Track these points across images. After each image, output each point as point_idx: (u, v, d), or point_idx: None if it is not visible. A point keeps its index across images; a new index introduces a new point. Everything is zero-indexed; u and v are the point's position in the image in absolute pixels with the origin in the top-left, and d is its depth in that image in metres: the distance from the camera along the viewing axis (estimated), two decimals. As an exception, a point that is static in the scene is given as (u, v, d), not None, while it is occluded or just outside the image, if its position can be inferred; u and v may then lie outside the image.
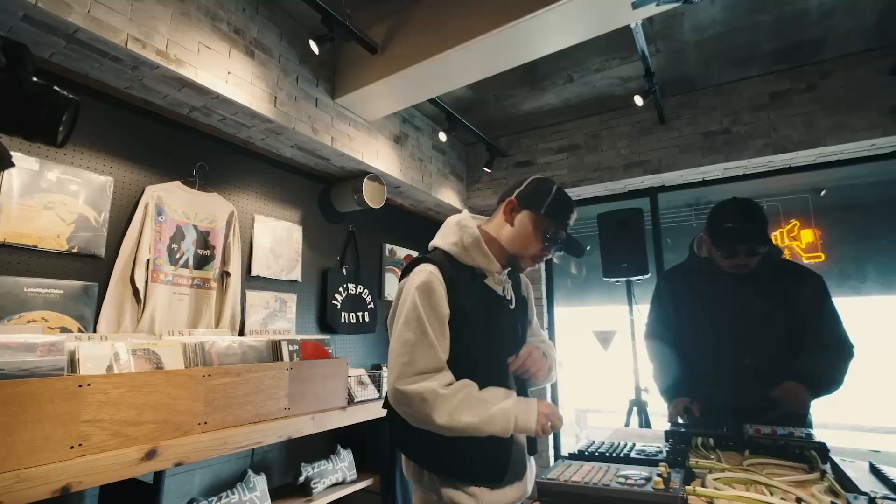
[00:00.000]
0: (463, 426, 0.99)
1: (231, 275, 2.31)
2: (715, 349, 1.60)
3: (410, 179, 3.24)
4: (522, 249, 1.18)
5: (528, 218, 1.16)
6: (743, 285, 1.57)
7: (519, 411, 1.03)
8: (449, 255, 1.16)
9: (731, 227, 1.50)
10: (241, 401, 1.84)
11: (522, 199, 1.18)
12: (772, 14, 2.39)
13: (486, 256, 1.16)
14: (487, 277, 1.18)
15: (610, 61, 2.82)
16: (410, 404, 1.01)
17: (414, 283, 1.08)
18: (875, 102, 2.63)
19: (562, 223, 1.17)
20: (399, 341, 1.05)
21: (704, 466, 1.07)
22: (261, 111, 2.18)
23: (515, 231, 1.17)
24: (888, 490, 0.91)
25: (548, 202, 1.15)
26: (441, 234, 1.22)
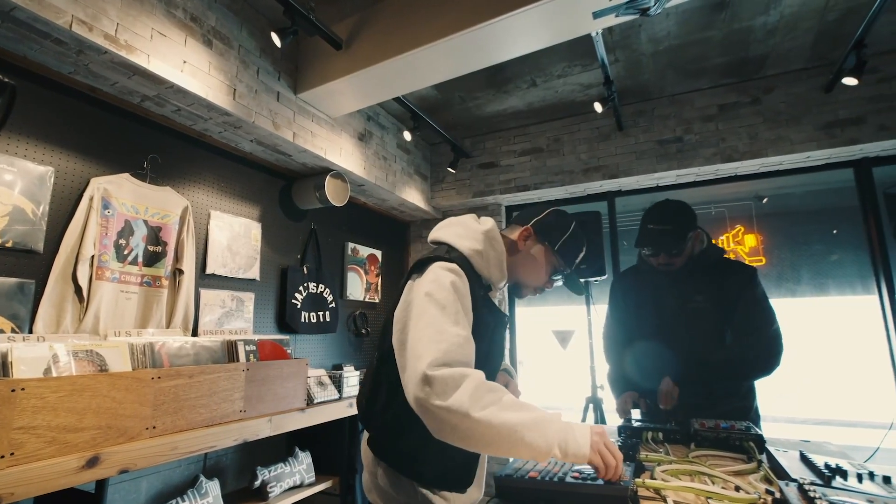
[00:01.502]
0: (499, 423, 0.82)
1: (184, 272, 2.22)
2: (658, 343, 1.69)
3: (374, 178, 3.21)
4: (529, 279, 1.17)
5: (540, 251, 1.16)
6: (682, 282, 1.68)
7: (568, 432, 0.84)
8: (466, 259, 1.08)
9: (651, 228, 1.62)
10: (194, 403, 1.77)
11: (539, 229, 1.17)
12: (721, 30, 2.53)
13: (502, 272, 1.13)
14: (491, 291, 1.15)
15: (572, 68, 2.90)
16: (445, 391, 0.84)
17: (444, 277, 0.98)
18: (811, 118, 2.83)
19: (571, 263, 1.18)
20: (433, 328, 0.91)
21: (653, 459, 1.12)
22: (218, 103, 2.10)
23: (525, 259, 1.16)
24: (815, 476, 0.99)
25: (564, 239, 1.15)
26: (461, 235, 1.12)
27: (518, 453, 0.82)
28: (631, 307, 1.84)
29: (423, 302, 0.96)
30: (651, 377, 1.68)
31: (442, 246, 1.13)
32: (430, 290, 0.96)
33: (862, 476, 0.97)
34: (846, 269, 3.17)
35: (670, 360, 1.64)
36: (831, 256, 3.28)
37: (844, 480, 0.95)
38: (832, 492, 0.84)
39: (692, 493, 0.89)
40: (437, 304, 0.94)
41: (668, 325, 1.68)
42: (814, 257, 3.32)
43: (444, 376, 0.85)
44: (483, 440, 0.84)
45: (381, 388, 1.08)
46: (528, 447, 0.81)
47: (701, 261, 1.67)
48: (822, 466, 1.01)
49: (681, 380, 1.60)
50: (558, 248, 1.14)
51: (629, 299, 1.85)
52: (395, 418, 1.04)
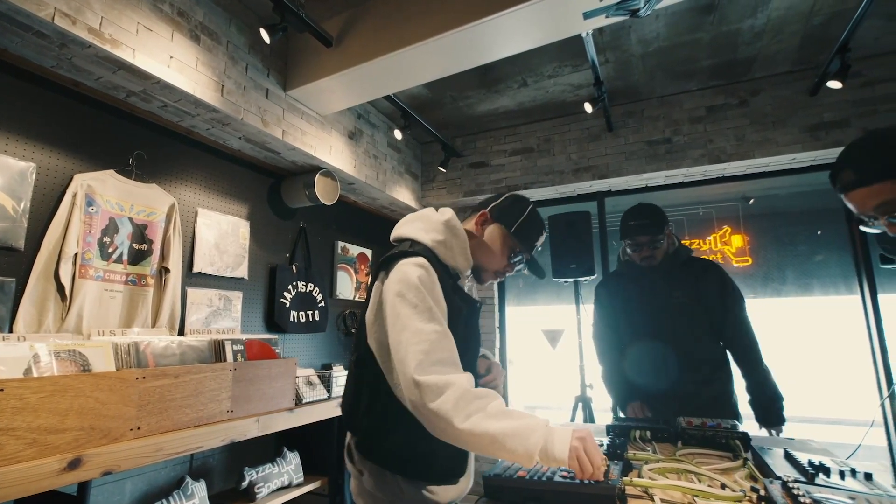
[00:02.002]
0: (481, 432, 0.85)
1: (170, 271, 2.19)
2: (649, 339, 1.84)
3: (365, 176, 3.19)
4: (487, 263, 1.18)
5: (497, 233, 1.17)
6: (663, 281, 1.86)
7: (550, 437, 0.85)
8: (431, 251, 1.10)
9: (632, 224, 1.85)
10: (180, 404, 1.75)
11: (495, 214, 1.18)
12: (709, 33, 2.55)
13: (467, 259, 1.15)
14: (460, 279, 1.17)
15: (562, 68, 2.91)
16: (432, 397, 0.88)
17: (412, 274, 1.00)
18: (797, 120, 2.87)
19: (529, 245, 1.18)
20: (409, 330, 0.94)
21: (641, 458, 1.13)
22: (206, 99, 2.07)
23: (483, 243, 1.18)
24: (799, 473, 1.00)
25: (519, 222, 1.16)
26: (422, 229, 1.14)
27: (504, 458, 0.86)
28: (619, 309, 1.97)
29: (394, 303, 0.98)
30: (647, 373, 1.82)
31: (405, 241, 1.14)
32: (399, 289, 0.98)
33: (844, 473, 0.98)
34: (830, 269, 3.23)
35: (662, 354, 1.79)
36: (816, 257, 3.33)
37: (827, 477, 0.97)
38: (815, 489, 0.85)
39: (679, 492, 0.90)
40: (409, 304, 0.96)
41: (655, 320, 1.83)
42: (799, 258, 3.37)
43: (429, 383, 0.89)
44: (468, 446, 0.89)
45: (363, 391, 1.08)
46: (511, 454, 0.84)
47: (675, 260, 1.87)
48: (805, 464, 1.02)
49: (671, 370, 1.76)
50: (514, 231, 1.15)
51: (616, 302, 1.99)
52: (381, 417, 1.05)
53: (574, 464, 0.83)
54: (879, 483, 0.95)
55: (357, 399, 1.09)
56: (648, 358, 1.83)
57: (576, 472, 0.83)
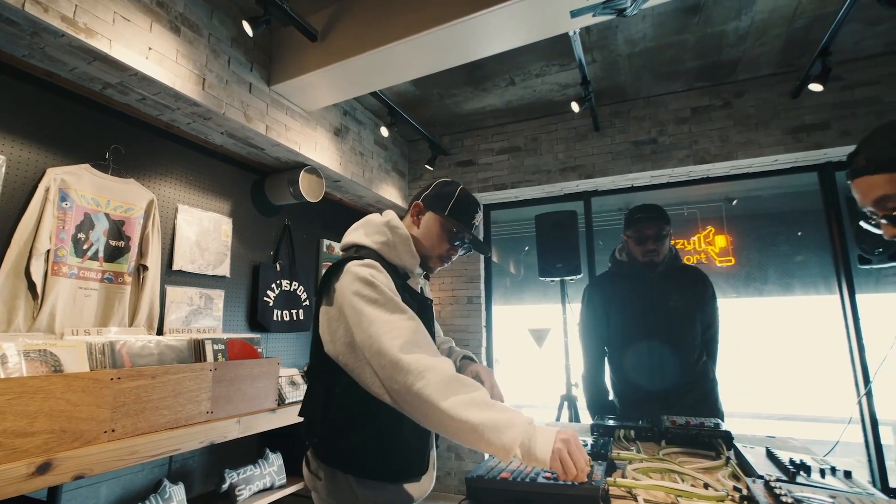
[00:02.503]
0: (462, 419, 0.83)
1: (149, 268, 2.13)
2: (640, 341, 1.86)
3: (350, 174, 3.16)
4: (430, 250, 1.19)
5: (433, 220, 1.19)
6: (660, 284, 1.88)
7: (533, 435, 0.83)
8: (377, 253, 1.14)
9: (640, 216, 1.87)
10: (157, 405, 1.70)
11: (427, 202, 1.20)
12: (695, 34, 2.57)
13: (413, 257, 1.17)
14: (410, 278, 1.19)
15: (550, 67, 2.90)
16: (414, 379, 0.87)
17: (362, 272, 1.01)
18: (779, 122, 2.91)
19: (465, 224, 1.19)
20: (378, 323, 0.94)
21: (625, 458, 1.12)
22: (186, 93, 2.02)
23: (422, 233, 1.19)
24: (780, 472, 1.00)
25: (451, 204, 1.18)
26: (364, 234, 1.18)
27: (482, 449, 0.85)
28: (612, 310, 1.96)
29: (353, 302, 0.97)
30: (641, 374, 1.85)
31: (350, 249, 1.19)
32: (355, 289, 0.98)
33: (824, 471, 0.99)
34: (811, 269, 3.28)
35: (658, 356, 1.82)
36: (797, 258, 3.38)
37: (808, 476, 0.97)
38: (797, 488, 0.85)
39: (662, 492, 0.89)
40: (368, 300, 0.97)
41: (651, 321, 1.85)
42: (780, 258, 3.42)
43: (413, 363, 0.89)
44: (448, 431, 0.87)
45: (317, 398, 1.09)
46: (489, 446, 0.83)
47: (673, 264, 1.92)
48: (786, 462, 1.03)
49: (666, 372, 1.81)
50: (449, 213, 1.17)
51: (610, 304, 1.97)
52: (336, 420, 1.06)
53: (557, 465, 0.81)
54: (858, 481, 0.96)
55: (313, 406, 1.10)
56: (644, 359, 1.85)
57: (559, 473, 0.82)
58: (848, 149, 2.78)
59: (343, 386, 1.03)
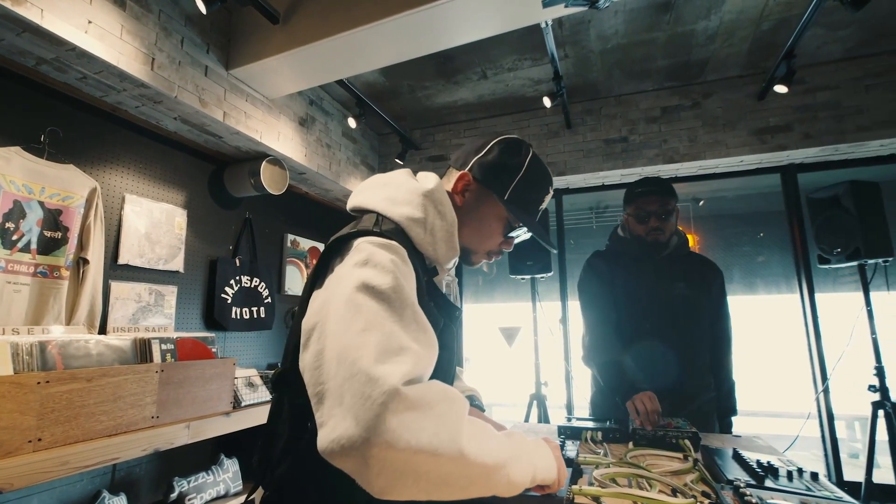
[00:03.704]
0: (482, 463, 0.59)
1: (90, 262, 1.97)
2: (643, 331, 1.61)
3: (316, 166, 3.03)
4: (476, 243, 0.87)
5: (486, 202, 0.85)
6: (665, 270, 1.65)
7: (538, 456, 0.70)
8: (404, 233, 0.78)
9: (641, 190, 1.66)
10: (93, 410, 1.56)
11: (481, 174, 0.85)
12: (665, 32, 2.57)
13: (453, 249, 0.83)
14: (438, 274, 0.85)
15: (522, 61, 2.86)
16: (429, 412, 0.56)
17: (381, 256, 0.67)
18: (745, 123, 2.95)
19: (531, 211, 0.86)
20: (378, 330, 0.60)
21: (591, 462, 1.07)
22: (133, 73, 1.87)
23: (469, 218, 0.85)
24: (748, 475, 0.97)
25: (516, 182, 0.83)
26: (389, 198, 0.81)
27: (492, 492, 0.63)
28: (619, 291, 1.67)
29: (354, 296, 0.63)
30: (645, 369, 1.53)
31: (368, 214, 0.80)
32: (365, 277, 0.64)
33: (792, 473, 0.96)
34: (773, 269, 3.36)
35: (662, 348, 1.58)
36: (758, 258, 3.46)
37: (776, 479, 0.94)
38: (767, 493, 0.81)
39: (629, 500, 0.84)
40: (380, 297, 0.63)
41: (655, 310, 1.62)
42: (744, 258, 3.49)
43: (428, 398, 0.57)
44: (458, 485, 0.58)
45: (283, 421, 0.73)
46: (510, 485, 0.64)
47: (679, 251, 1.69)
48: (754, 464, 1.00)
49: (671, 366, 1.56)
50: (510, 197, 0.83)
51: (617, 283, 1.68)
52: (302, 462, 0.70)
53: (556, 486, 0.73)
54: (825, 483, 0.94)
55: (274, 435, 0.74)
56: (648, 352, 1.58)
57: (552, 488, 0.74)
58: (809, 151, 2.85)
59: None
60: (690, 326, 1.63)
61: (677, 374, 1.56)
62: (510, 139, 0.87)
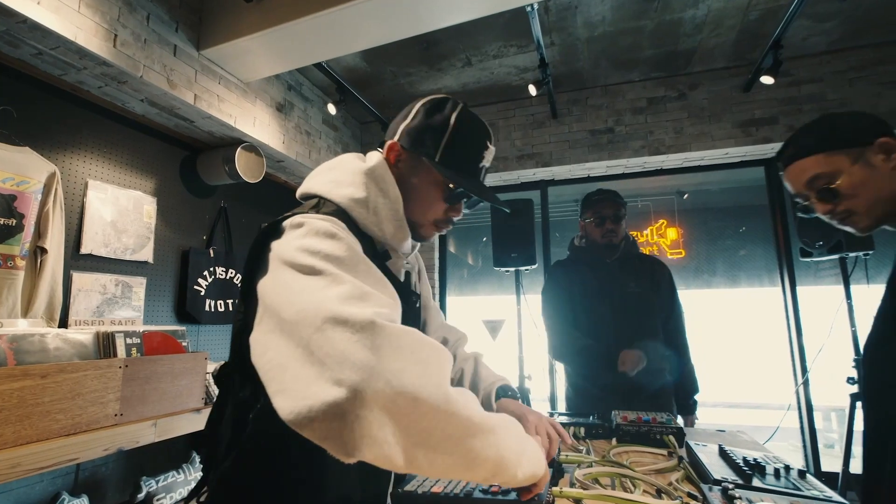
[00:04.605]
0: (468, 417, 0.52)
1: (48, 251, 1.85)
2: (600, 327, 1.81)
3: (295, 154, 2.93)
4: (418, 214, 0.80)
5: (419, 168, 0.79)
6: (617, 271, 1.87)
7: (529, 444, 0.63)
8: (346, 213, 0.74)
9: (597, 198, 1.90)
10: (48, 409, 1.46)
11: (409, 140, 0.79)
12: (653, 20, 2.52)
13: (401, 229, 0.78)
14: (391, 258, 0.80)
15: (508, 48, 2.79)
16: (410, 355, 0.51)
17: (320, 225, 0.64)
18: (730, 115, 2.93)
19: (470, 170, 0.79)
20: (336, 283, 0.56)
21: (573, 460, 1.03)
22: (93, 49, 1.75)
23: (406, 188, 0.79)
24: (735, 473, 0.93)
25: (445, 140, 0.77)
26: (333, 180, 0.77)
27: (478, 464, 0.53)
28: (577, 295, 1.90)
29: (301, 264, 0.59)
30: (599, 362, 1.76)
31: (310, 200, 0.78)
32: (308, 244, 0.61)
33: (779, 471, 0.93)
34: (756, 262, 3.37)
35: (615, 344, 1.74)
36: (740, 251, 3.47)
37: (763, 477, 0.91)
38: (755, 495, 0.78)
39: (612, 502, 0.80)
40: (328, 259, 0.59)
41: (609, 309, 1.82)
42: (727, 251, 3.50)
43: (399, 331, 0.52)
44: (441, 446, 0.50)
45: (227, 413, 0.71)
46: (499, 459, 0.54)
47: (630, 251, 1.91)
48: (740, 462, 0.96)
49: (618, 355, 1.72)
50: (441, 158, 0.76)
51: (574, 287, 1.91)
52: (246, 454, 0.67)
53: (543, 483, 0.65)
54: (813, 481, 0.90)
55: (216, 431, 0.72)
56: (604, 346, 1.76)
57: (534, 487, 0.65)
58: (793, 144, 2.84)
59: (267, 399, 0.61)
60: (641, 320, 1.80)
61: None
62: (435, 98, 0.82)
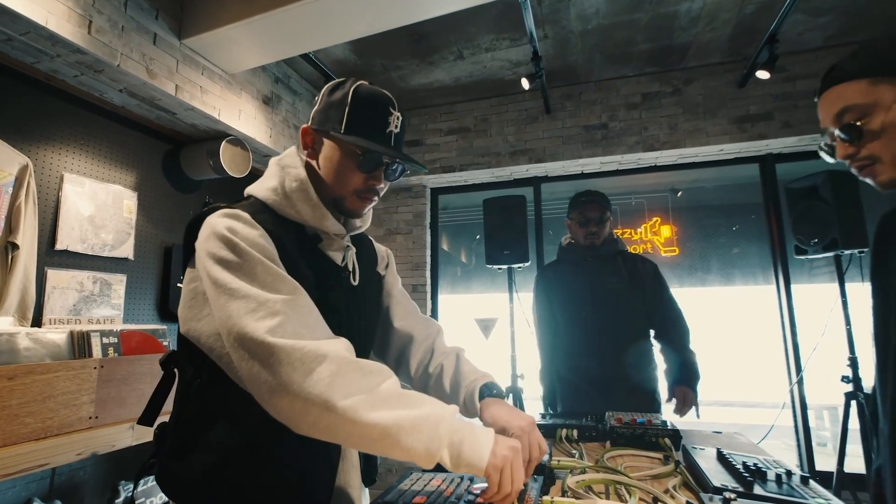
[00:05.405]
0: (369, 422, 0.62)
1: (20, 247, 1.78)
2: (579, 325, 1.88)
3: (282, 148, 2.86)
4: (340, 187, 0.84)
5: (330, 145, 0.84)
6: (600, 268, 1.91)
7: (464, 433, 0.65)
8: (266, 205, 0.82)
9: (583, 200, 1.94)
10: (16, 412, 1.39)
11: (317, 121, 0.85)
12: (647, 13, 2.48)
13: (315, 208, 0.82)
14: (323, 241, 0.86)
15: (500, 41, 2.73)
16: (294, 373, 0.63)
17: (218, 227, 0.73)
18: (725, 111, 2.90)
19: (376, 135, 0.82)
20: (239, 298, 0.67)
21: (565, 466, 0.98)
22: (66, 35, 1.67)
23: (323, 166, 0.85)
24: (734, 479, 0.89)
25: (347, 113, 0.81)
26: (258, 181, 0.88)
27: (396, 457, 0.63)
28: (554, 297, 1.99)
29: (208, 268, 0.71)
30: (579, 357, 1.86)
31: None
32: (209, 248, 0.72)
33: (780, 477, 0.89)
34: (750, 260, 3.35)
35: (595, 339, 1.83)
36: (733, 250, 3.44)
37: (764, 483, 0.86)
38: (758, 504, 0.73)
39: (606, 513, 0.75)
40: (225, 264, 0.70)
41: (591, 305, 1.86)
42: (721, 249, 3.47)
43: (290, 349, 0.64)
44: (350, 440, 0.64)
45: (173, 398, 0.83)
46: (407, 452, 0.62)
47: (613, 248, 1.94)
48: (740, 467, 0.92)
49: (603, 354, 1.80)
50: (346, 129, 0.81)
51: (553, 294, 1.99)
52: (188, 427, 0.77)
53: (495, 476, 0.64)
54: (816, 488, 0.86)
55: (159, 405, 0.84)
56: (581, 342, 1.87)
57: (490, 488, 0.64)
58: (789, 140, 2.82)
59: (209, 375, 0.76)
60: (622, 316, 1.84)
61: (612, 359, 1.79)
62: (334, 81, 0.88)
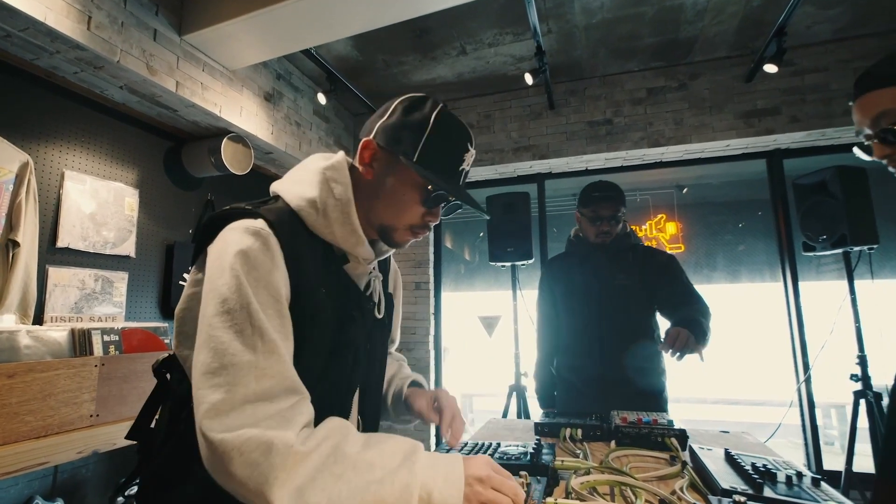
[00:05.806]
0: None
1: (21, 245, 1.77)
2: (583, 322, 1.76)
3: (284, 145, 2.84)
4: (393, 218, 0.75)
5: (396, 169, 0.73)
6: (608, 264, 1.78)
7: (427, 479, 0.60)
8: (295, 215, 0.71)
9: (596, 194, 1.75)
10: (16, 410, 1.39)
11: (385, 138, 0.74)
12: (653, 6, 2.44)
13: (353, 233, 0.73)
14: (349, 262, 0.76)
15: (503, 36, 2.70)
16: (232, 465, 0.54)
17: (232, 246, 0.63)
18: (732, 106, 2.86)
19: (450, 173, 0.74)
20: (207, 346, 0.59)
21: (569, 467, 0.96)
22: (65, 31, 1.66)
23: (380, 190, 0.74)
24: (744, 481, 0.86)
25: (424, 141, 0.72)
26: (296, 181, 0.75)
27: None
28: (559, 293, 1.88)
29: (206, 294, 0.63)
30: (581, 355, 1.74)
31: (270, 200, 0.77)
32: (211, 273, 0.64)
33: (791, 479, 0.86)
34: (757, 257, 3.31)
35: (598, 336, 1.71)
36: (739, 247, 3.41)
37: (774, 485, 0.84)
38: (769, 507, 0.71)
39: (612, 515, 0.72)
40: (218, 298, 0.61)
41: (595, 301, 1.75)
42: (727, 246, 3.43)
43: (227, 448, 0.54)
44: None
45: (164, 410, 0.73)
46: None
47: (623, 243, 1.79)
48: (749, 468, 0.90)
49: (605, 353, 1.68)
50: (420, 158, 0.71)
51: (557, 289, 1.88)
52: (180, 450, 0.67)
53: None
54: (829, 490, 0.83)
55: (153, 420, 0.74)
56: (583, 341, 1.76)
57: None
58: (796, 135, 2.77)
59: None
60: (629, 316, 1.72)
61: (614, 361, 1.67)
62: (414, 96, 0.77)
